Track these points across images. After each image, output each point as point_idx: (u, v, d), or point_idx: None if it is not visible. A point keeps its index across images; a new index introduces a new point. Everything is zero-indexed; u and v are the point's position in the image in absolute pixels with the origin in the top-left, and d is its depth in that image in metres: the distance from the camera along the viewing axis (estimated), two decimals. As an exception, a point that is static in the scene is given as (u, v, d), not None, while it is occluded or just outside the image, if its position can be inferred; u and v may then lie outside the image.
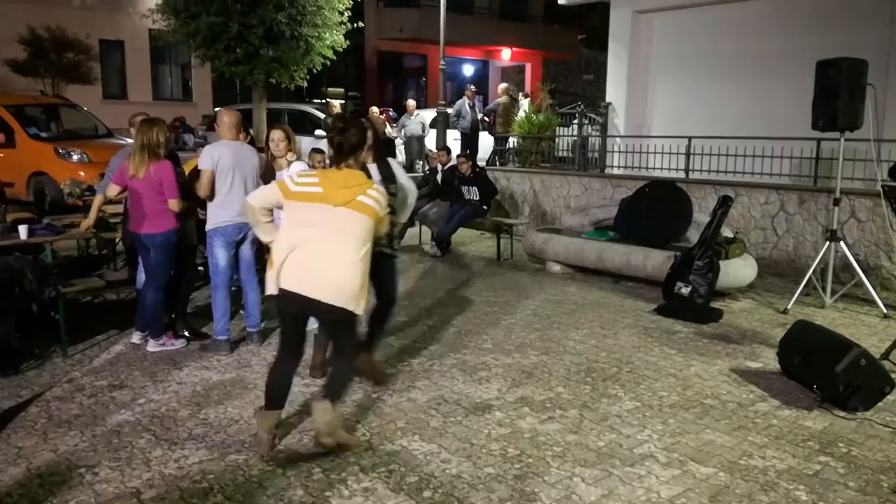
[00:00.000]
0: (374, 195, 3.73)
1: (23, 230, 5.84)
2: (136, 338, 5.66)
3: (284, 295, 3.70)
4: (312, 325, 4.27)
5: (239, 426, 4.19)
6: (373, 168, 4.62)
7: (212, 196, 5.32)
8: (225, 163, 5.28)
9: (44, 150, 11.86)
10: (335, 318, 3.78)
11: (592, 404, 4.56)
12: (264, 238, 4.00)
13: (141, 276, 5.65)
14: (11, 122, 12.08)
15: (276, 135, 5.79)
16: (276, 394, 3.88)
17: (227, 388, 4.78)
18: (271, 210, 3.90)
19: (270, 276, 3.73)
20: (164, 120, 5.47)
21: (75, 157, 11.66)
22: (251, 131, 13.05)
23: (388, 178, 4.65)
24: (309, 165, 5.94)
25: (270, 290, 3.76)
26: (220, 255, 5.41)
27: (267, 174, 5.71)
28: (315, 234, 3.65)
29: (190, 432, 4.11)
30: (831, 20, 9.38)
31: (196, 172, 5.44)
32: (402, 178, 4.90)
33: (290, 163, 5.81)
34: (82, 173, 10.72)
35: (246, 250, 5.55)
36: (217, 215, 5.37)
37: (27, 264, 5.46)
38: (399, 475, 3.65)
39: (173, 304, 5.74)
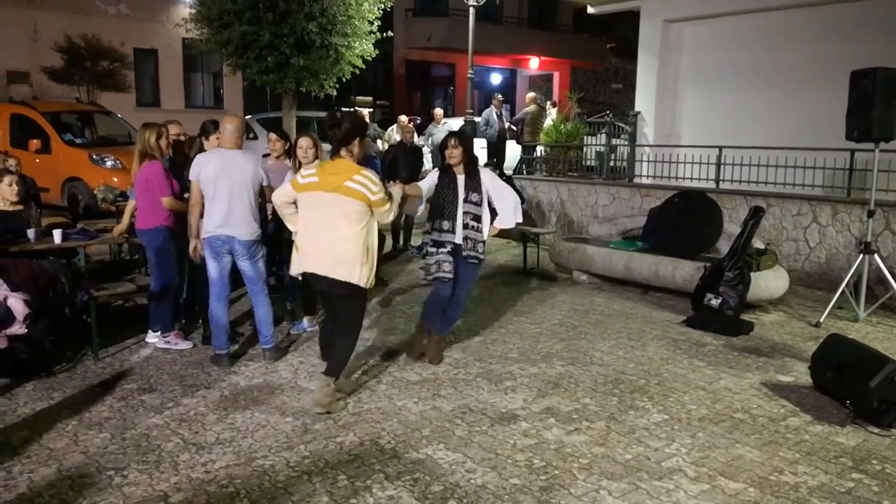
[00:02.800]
0: (360, 180, 4.26)
1: (57, 234, 5.97)
2: (149, 336, 5.76)
3: (308, 276, 4.46)
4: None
5: (266, 431, 4.22)
6: (460, 178, 5.20)
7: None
8: (208, 172, 5.12)
9: (79, 156, 12.09)
10: (340, 293, 4.40)
11: (620, 416, 4.52)
12: (291, 228, 4.66)
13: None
14: (47, 129, 12.34)
15: (305, 142, 5.81)
16: (325, 348, 4.86)
17: (255, 393, 4.82)
18: (293, 203, 4.49)
19: (294, 257, 4.51)
20: (160, 125, 5.64)
21: (109, 164, 11.87)
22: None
23: (474, 189, 5.20)
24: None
25: (294, 271, 4.58)
26: (210, 267, 5.27)
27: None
28: (318, 217, 4.32)
29: (217, 437, 4.15)
30: (865, 30, 9.24)
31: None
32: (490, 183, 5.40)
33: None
34: (116, 179, 10.92)
35: (245, 265, 5.29)
36: (203, 225, 5.23)
37: (61, 268, 5.57)
38: (424, 484, 3.64)
39: (190, 307, 5.87)
